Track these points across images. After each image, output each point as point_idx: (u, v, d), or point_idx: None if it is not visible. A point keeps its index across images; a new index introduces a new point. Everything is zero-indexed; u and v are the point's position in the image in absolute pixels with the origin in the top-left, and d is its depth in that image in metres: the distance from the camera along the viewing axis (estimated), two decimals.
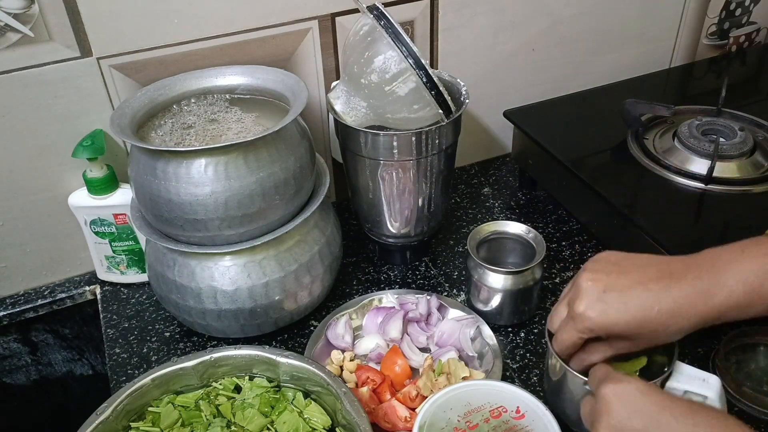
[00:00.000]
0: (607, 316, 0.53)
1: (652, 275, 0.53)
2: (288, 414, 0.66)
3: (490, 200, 1.03)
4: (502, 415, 0.61)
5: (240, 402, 0.68)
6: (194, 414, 0.67)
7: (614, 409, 0.48)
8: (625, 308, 0.52)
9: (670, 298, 0.51)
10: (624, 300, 0.52)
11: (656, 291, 0.52)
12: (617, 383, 0.49)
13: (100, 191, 0.81)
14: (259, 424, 0.66)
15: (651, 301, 0.52)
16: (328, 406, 0.66)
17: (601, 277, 0.54)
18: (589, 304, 0.53)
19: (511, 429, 0.60)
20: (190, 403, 0.68)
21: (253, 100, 0.80)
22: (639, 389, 0.48)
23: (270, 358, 0.67)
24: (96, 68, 0.78)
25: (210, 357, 0.67)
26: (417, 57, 0.71)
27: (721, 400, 0.58)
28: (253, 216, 0.70)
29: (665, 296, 0.51)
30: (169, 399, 0.67)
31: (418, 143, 0.77)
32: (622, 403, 0.48)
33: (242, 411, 0.67)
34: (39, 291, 0.90)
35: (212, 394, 0.69)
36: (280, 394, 0.68)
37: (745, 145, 0.87)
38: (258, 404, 0.67)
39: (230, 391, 0.69)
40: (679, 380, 0.59)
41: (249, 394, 0.68)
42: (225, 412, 0.67)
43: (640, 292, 0.52)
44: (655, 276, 0.53)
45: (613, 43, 1.09)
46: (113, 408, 0.63)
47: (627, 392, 0.49)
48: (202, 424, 0.66)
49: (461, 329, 0.76)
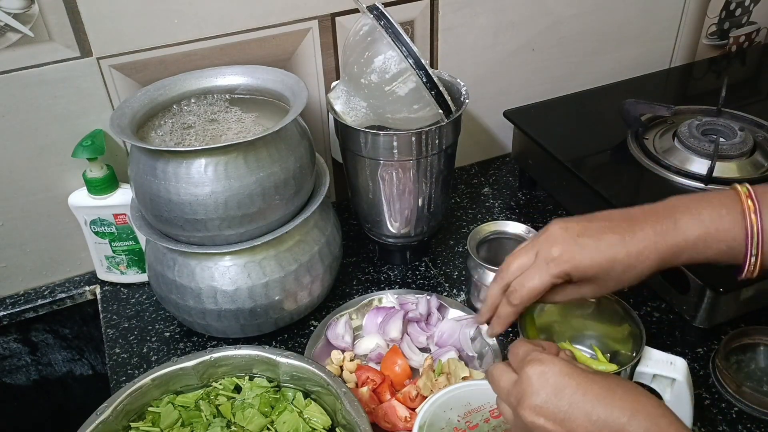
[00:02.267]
0: (583, 258, 0.55)
1: (617, 222, 0.57)
2: (288, 414, 0.66)
3: (490, 200, 1.03)
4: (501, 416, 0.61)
5: (240, 402, 0.67)
6: (194, 414, 0.67)
7: (537, 389, 0.49)
8: (598, 250, 0.55)
9: (635, 239, 0.55)
10: (597, 243, 0.56)
11: (623, 234, 0.56)
12: (541, 364, 0.50)
13: (100, 191, 0.81)
14: (259, 424, 0.66)
15: (620, 243, 0.55)
16: (328, 406, 0.66)
17: (572, 225, 0.57)
18: (566, 247, 0.56)
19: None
20: (190, 403, 0.68)
21: (253, 100, 0.80)
22: (562, 370, 0.49)
23: (270, 358, 0.67)
24: (96, 68, 0.78)
25: (210, 357, 0.67)
26: (417, 57, 0.71)
27: (688, 383, 0.61)
28: (253, 216, 0.70)
29: (631, 238, 0.55)
30: (169, 399, 0.67)
31: (418, 143, 0.77)
32: (545, 383, 0.49)
33: (242, 411, 0.67)
34: (39, 291, 0.90)
35: (212, 394, 0.69)
36: (280, 394, 0.68)
37: (745, 145, 0.87)
38: (258, 404, 0.67)
39: (230, 391, 0.69)
40: (647, 365, 0.62)
41: (249, 394, 0.68)
42: (225, 412, 0.67)
43: (610, 236, 0.56)
44: (621, 222, 0.57)
45: (613, 43, 1.09)
46: (113, 408, 0.63)
47: (551, 373, 0.49)
48: (202, 424, 0.66)
49: (461, 329, 0.76)
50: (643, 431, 0.46)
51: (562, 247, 0.56)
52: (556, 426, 0.48)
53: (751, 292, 0.73)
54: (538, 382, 0.49)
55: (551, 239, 0.57)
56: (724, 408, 0.70)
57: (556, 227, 0.58)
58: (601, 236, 0.56)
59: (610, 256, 0.55)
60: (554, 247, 0.56)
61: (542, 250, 0.57)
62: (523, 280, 0.58)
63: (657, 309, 0.81)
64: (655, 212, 0.57)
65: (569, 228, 0.57)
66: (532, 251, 0.58)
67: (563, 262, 0.56)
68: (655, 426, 0.46)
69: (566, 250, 0.56)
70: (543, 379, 0.49)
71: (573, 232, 0.57)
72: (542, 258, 0.57)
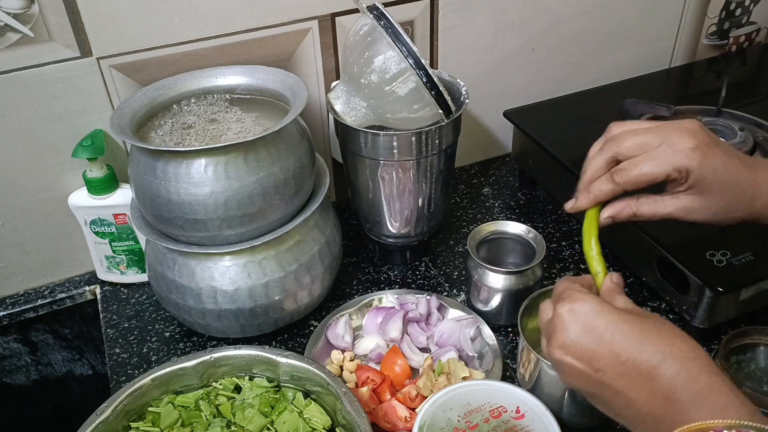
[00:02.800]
0: (716, 159, 0.53)
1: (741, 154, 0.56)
2: (288, 414, 0.66)
3: (490, 200, 1.03)
4: (502, 415, 0.61)
5: (240, 402, 0.67)
6: (194, 414, 0.67)
7: (568, 326, 0.48)
8: (728, 156, 0.53)
9: (756, 172, 0.54)
10: (727, 152, 0.54)
11: (747, 162, 0.54)
12: (573, 302, 0.49)
13: (100, 191, 0.81)
14: (259, 424, 0.66)
15: (744, 166, 0.54)
16: (329, 406, 0.66)
17: (708, 131, 0.55)
18: (701, 142, 0.53)
19: (510, 429, 0.60)
20: (190, 403, 0.68)
21: (253, 100, 0.80)
22: (593, 309, 0.48)
23: (270, 358, 0.67)
24: (96, 68, 0.78)
25: (210, 357, 0.67)
26: (417, 57, 0.71)
27: None
28: (253, 216, 0.70)
29: (753, 171, 0.54)
30: (169, 399, 0.67)
31: (418, 143, 0.77)
32: (576, 321, 0.48)
33: (242, 411, 0.66)
34: (39, 291, 0.90)
35: (212, 394, 0.69)
36: (280, 394, 0.68)
37: (745, 145, 0.87)
38: (258, 404, 0.67)
39: (230, 391, 0.69)
40: None
41: (249, 394, 0.68)
42: (225, 412, 0.67)
43: (739, 156, 0.54)
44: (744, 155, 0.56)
45: (613, 43, 1.09)
46: (113, 408, 0.63)
47: (582, 311, 0.48)
48: (202, 424, 0.66)
49: (461, 329, 0.76)
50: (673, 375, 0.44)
51: (697, 141, 0.52)
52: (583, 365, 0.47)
53: (751, 292, 0.73)
54: (567, 319, 0.48)
55: (686, 130, 0.53)
56: None
57: (695, 123, 0.54)
58: (732, 152, 0.54)
59: (738, 167, 0.53)
60: (688, 137, 0.53)
61: (672, 137, 0.53)
62: (639, 160, 0.53)
63: (657, 309, 0.81)
64: None
65: (705, 130, 0.54)
66: (659, 134, 0.54)
67: (693, 157, 0.52)
68: (686, 371, 0.44)
69: (701, 145, 0.52)
70: (572, 317, 0.48)
71: (710, 135, 0.53)
72: (669, 144, 0.53)
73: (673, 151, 0.53)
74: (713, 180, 0.53)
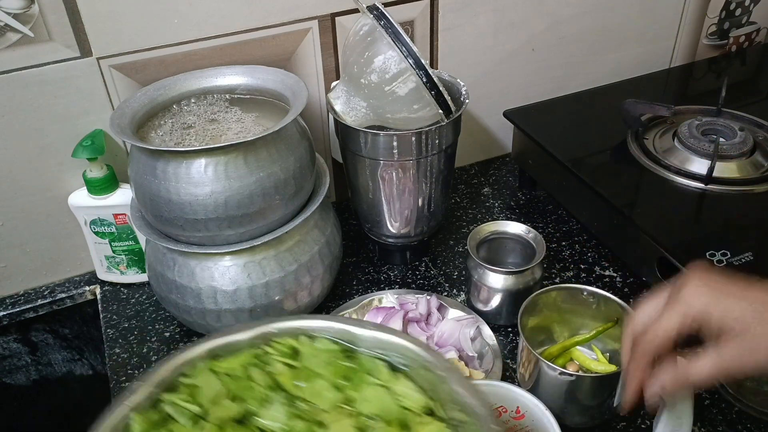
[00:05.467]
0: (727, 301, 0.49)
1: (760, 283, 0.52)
2: (373, 390, 0.49)
3: (490, 200, 1.03)
4: (501, 415, 0.61)
5: (303, 370, 0.50)
6: (245, 385, 0.49)
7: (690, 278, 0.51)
8: (744, 295, 0.50)
9: None
10: (744, 290, 0.50)
11: None
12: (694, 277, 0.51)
13: (100, 191, 0.81)
14: (332, 401, 0.48)
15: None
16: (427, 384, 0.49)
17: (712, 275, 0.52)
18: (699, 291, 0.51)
19: (511, 429, 0.60)
20: (237, 370, 0.50)
21: (253, 100, 0.80)
22: None
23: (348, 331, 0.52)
24: (96, 68, 0.78)
25: (271, 328, 0.52)
26: (417, 57, 0.71)
27: None
28: (253, 216, 0.70)
29: None
30: (206, 365, 0.50)
31: (418, 143, 0.77)
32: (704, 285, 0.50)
33: (310, 382, 0.49)
34: (39, 291, 0.90)
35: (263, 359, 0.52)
36: (356, 362, 0.51)
37: (745, 145, 0.87)
38: (327, 374, 0.50)
39: (287, 356, 0.52)
40: None
41: (312, 361, 0.51)
42: (286, 384, 0.50)
43: (758, 287, 0.50)
44: None
45: (613, 43, 1.09)
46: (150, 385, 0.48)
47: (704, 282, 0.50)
48: (257, 399, 0.49)
49: (461, 329, 0.76)
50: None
51: (697, 291, 0.50)
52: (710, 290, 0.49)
53: None
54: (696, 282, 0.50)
55: (684, 288, 0.51)
56: (724, 408, 0.70)
57: (694, 279, 0.51)
58: (749, 285, 0.50)
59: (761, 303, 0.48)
60: (686, 290, 0.51)
61: (672, 295, 0.52)
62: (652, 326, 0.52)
63: None
64: None
65: (709, 275, 0.51)
66: (661, 297, 0.53)
67: (693, 306, 0.50)
68: None
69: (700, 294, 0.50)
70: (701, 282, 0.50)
71: (712, 280, 0.51)
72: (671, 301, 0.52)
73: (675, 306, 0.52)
74: (742, 312, 0.49)
